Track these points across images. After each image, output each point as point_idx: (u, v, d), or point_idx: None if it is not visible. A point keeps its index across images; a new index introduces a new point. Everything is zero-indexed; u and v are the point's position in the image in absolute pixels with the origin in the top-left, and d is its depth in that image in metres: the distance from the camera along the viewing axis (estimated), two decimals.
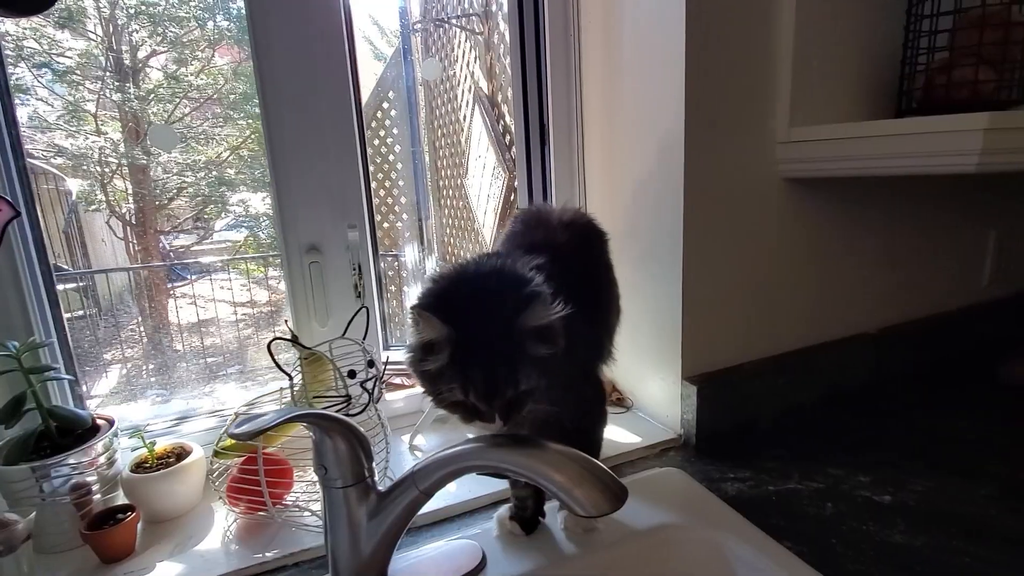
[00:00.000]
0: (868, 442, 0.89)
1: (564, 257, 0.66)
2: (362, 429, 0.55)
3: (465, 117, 2.42)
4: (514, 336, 0.52)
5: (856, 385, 1.03)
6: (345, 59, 0.88)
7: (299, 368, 0.73)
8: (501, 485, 0.77)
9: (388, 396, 1.01)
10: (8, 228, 0.73)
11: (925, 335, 1.12)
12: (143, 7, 1.88)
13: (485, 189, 2.09)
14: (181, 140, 1.99)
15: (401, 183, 2.14)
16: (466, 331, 0.51)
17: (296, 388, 0.71)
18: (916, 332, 1.10)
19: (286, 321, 0.75)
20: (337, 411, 0.70)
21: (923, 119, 0.73)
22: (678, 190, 0.83)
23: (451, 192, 2.49)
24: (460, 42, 2.38)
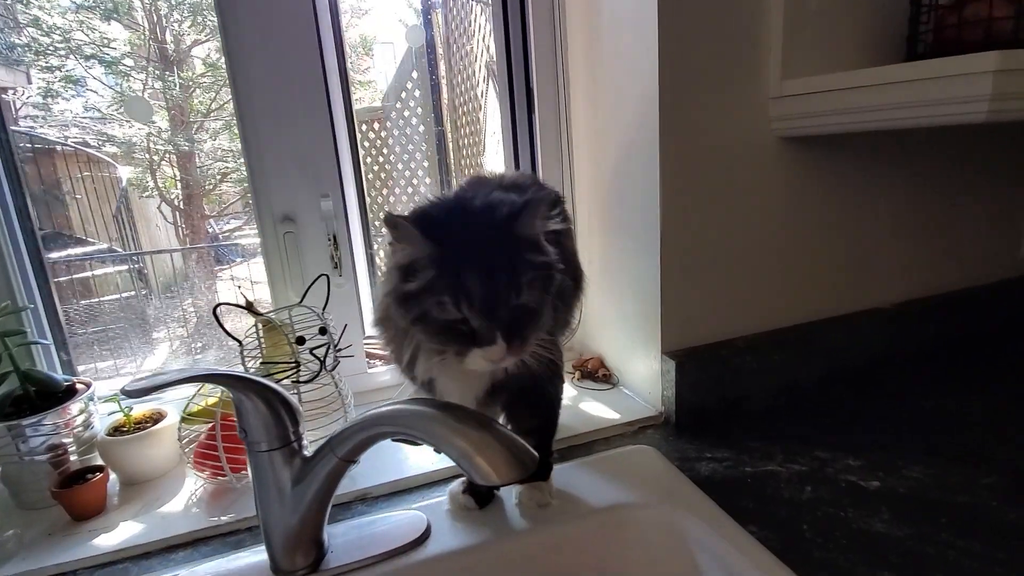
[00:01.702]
0: (866, 424, 0.82)
1: None
2: (287, 393, 0.54)
3: (482, 93, 2.39)
4: (511, 240, 0.49)
5: (864, 364, 0.95)
6: (313, 26, 0.86)
7: (256, 335, 0.73)
8: None
9: (371, 370, 1.01)
10: None
11: (951, 311, 1.02)
12: None
13: (501, 166, 2.06)
14: (225, 128, 2.03)
15: (426, 164, 2.13)
16: (455, 241, 0.49)
17: (250, 354, 0.71)
18: (939, 308, 1.00)
19: (239, 287, 0.75)
20: (286, 378, 0.70)
21: (925, 63, 0.65)
22: (653, 155, 0.77)
23: (472, 171, 2.47)
24: (476, 15, 2.34)
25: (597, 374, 0.99)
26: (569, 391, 0.95)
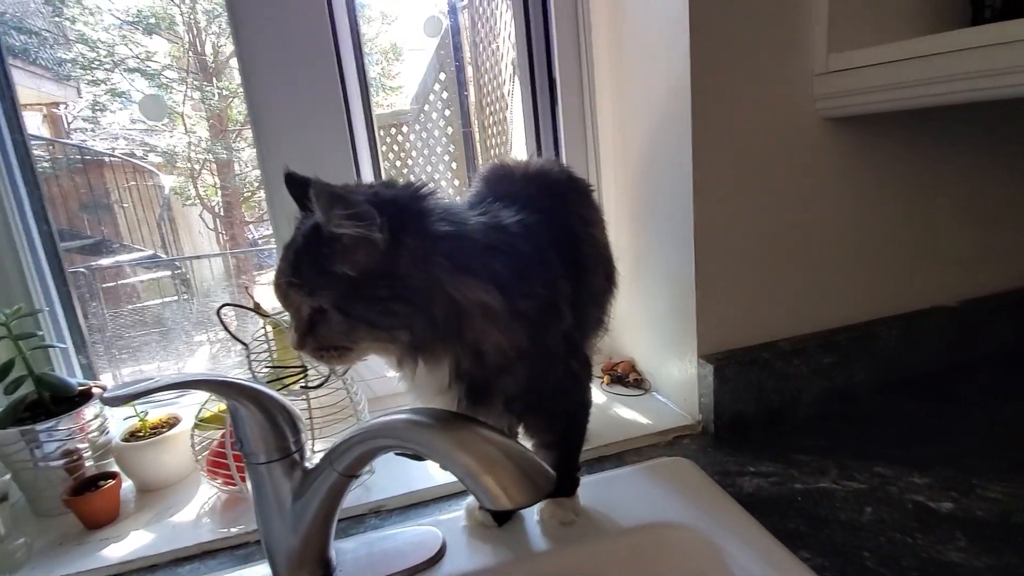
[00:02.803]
0: (933, 436, 0.73)
1: (535, 210, 0.57)
2: (285, 400, 0.50)
3: (509, 92, 2.35)
4: (316, 239, 0.45)
5: (927, 368, 0.86)
6: (328, 29, 0.83)
7: (265, 338, 0.70)
8: None
9: (391, 373, 0.97)
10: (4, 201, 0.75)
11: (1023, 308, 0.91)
12: (219, 8, 1.96)
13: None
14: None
15: (454, 165, 2.11)
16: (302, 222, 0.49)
17: (258, 358, 0.68)
18: (1010, 305, 0.90)
19: (246, 288, 0.73)
20: (294, 383, 0.66)
21: (996, 26, 0.57)
22: (685, 140, 0.71)
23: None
24: (501, 13, 2.31)
25: (628, 379, 0.92)
26: (598, 396, 0.89)
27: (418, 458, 0.53)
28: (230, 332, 0.65)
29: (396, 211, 0.45)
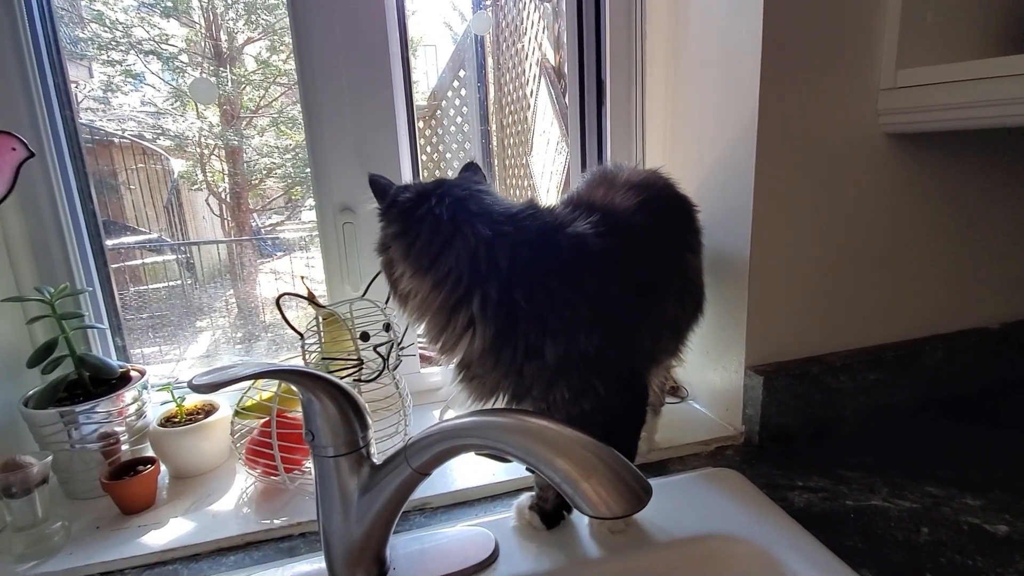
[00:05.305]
0: (981, 457, 0.73)
1: (620, 223, 0.56)
2: (358, 395, 0.49)
3: (532, 92, 2.34)
4: None
5: (970, 388, 0.86)
6: (382, 20, 0.83)
7: (317, 329, 0.69)
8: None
9: (424, 370, 0.97)
10: (25, 172, 0.72)
11: None
12: None
13: (548, 165, 2.00)
14: (272, 124, 2.05)
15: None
16: None
17: (310, 349, 0.67)
18: None
19: (303, 278, 0.72)
20: (348, 376, 0.65)
21: None
22: (749, 150, 0.70)
23: (517, 171, 2.43)
24: (529, 13, 2.30)
25: (665, 387, 0.92)
26: None
27: (502, 459, 0.52)
28: (288, 321, 0.64)
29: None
